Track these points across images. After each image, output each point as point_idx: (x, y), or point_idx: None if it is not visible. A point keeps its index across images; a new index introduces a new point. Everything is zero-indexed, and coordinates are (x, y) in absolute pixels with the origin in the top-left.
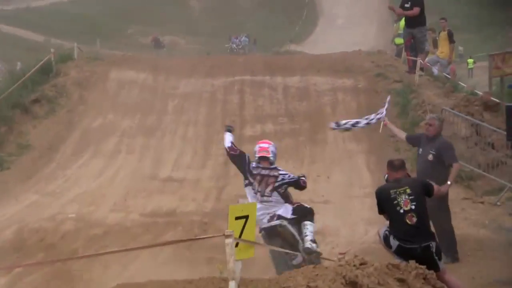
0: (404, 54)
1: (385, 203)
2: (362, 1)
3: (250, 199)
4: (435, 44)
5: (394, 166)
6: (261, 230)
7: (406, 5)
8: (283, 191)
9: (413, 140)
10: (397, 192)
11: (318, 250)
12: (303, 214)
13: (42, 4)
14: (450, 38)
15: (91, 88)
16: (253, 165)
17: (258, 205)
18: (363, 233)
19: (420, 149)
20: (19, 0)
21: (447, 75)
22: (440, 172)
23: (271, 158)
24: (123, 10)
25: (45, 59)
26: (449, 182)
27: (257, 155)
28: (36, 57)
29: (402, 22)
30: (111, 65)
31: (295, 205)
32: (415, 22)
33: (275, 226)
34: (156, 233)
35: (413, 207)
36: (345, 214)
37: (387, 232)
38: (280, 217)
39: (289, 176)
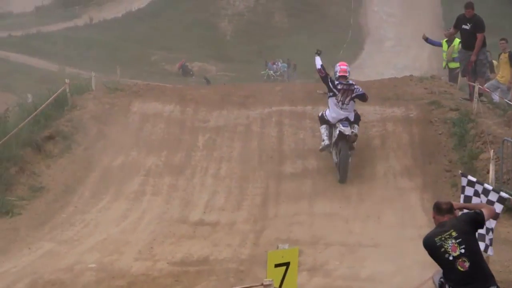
0: (459, 79)
1: (432, 252)
2: (413, 21)
3: (331, 108)
4: (492, 68)
5: (441, 209)
6: (334, 120)
7: (465, 26)
8: (354, 101)
9: None
10: (443, 239)
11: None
12: (357, 118)
13: (54, 29)
14: None
15: (111, 122)
16: (336, 82)
17: (339, 110)
18: (418, 279)
19: None
20: (29, 25)
21: (509, 102)
22: None
23: (348, 76)
24: (145, 34)
25: (59, 91)
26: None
27: (338, 74)
28: (49, 89)
29: (457, 44)
30: (133, 96)
31: (355, 113)
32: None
33: (350, 134)
34: (187, 284)
35: (462, 251)
36: (398, 258)
37: (442, 280)
38: (347, 119)
39: (359, 89)
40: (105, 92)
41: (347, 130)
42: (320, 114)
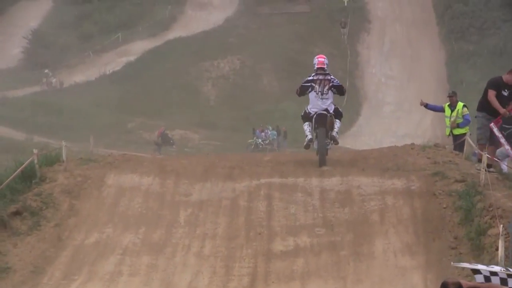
0: (466, 148)
1: None
2: (415, 84)
3: (311, 101)
4: None
5: None
6: (314, 113)
7: (504, 93)
8: (334, 91)
9: None
10: None
11: (338, 140)
12: (338, 113)
13: (20, 94)
14: None
15: (84, 196)
16: (312, 75)
17: (318, 102)
18: None
19: None
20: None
21: None
22: None
23: (326, 68)
24: (121, 99)
25: (26, 162)
26: None
27: (316, 66)
28: (16, 160)
29: (460, 107)
30: (108, 167)
31: (335, 107)
32: None
33: (327, 114)
34: None
35: None
36: None
37: None
38: (327, 110)
39: (336, 80)
40: (77, 164)
41: (323, 112)
42: (302, 113)
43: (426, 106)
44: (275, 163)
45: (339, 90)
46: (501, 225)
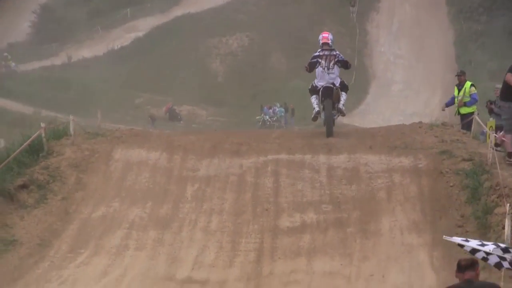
0: (474, 127)
1: None
2: (423, 63)
3: (318, 76)
4: None
5: (460, 266)
6: (322, 86)
7: None
8: (339, 66)
9: None
10: None
11: (344, 112)
12: (344, 86)
13: (29, 68)
14: None
15: (91, 170)
16: (318, 51)
17: (325, 76)
18: None
19: None
20: (1, 64)
21: None
22: None
23: (330, 44)
24: (129, 75)
25: (34, 136)
26: None
27: (321, 42)
28: (23, 133)
29: (468, 87)
30: (116, 142)
31: (341, 80)
32: None
33: (333, 87)
34: None
35: None
36: None
37: None
38: (333, 84)
39: (341, 56)
40: (85, 138)
41: (329, 85)
42: (309, 87)
43: (446, 106)
44: (282, 140)
45: (344, 64)
46: (508, 204)
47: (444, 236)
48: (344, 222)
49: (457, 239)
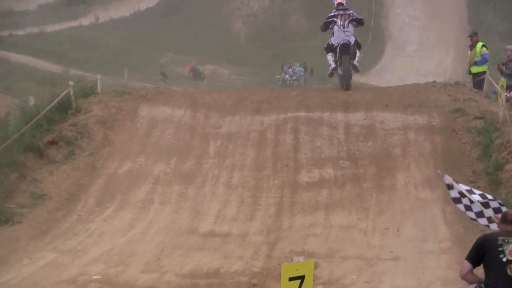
0: (485, 87)
1: (488, 248)
2: (437, 24)
3: (335, 34)
4: None
5: (506, 220)
6: (338, 44)
7: None
8: (354, 24)
9: None
10: (506, 240)
11: (359, 68)
12: (357, 45)
13: (58, 28)
14: None
15: (118, 127)
16: (334, 11)
17: (341, 34)
18: None
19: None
20: (31, 24)
21: None
22: None
23: (345, 4)
24: (154, 36)
25: (63, 94)
26: None
27: (336, 2)
28: (53, 91)
29: (479, 47)
30: (141, 100)
31: (355, 38)
32: None
33: (350, 43)
34: None
35: None
36: (418, 273)
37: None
38: (349, 41)
39: (355, 14)
40: (112, 96)
41: (346, 42)
42: (325, 45)
43: None
44: (302, 98)
45: (359, 22)
46: None
47: (438, 170)
48: (361, 178)
49: (449, 179)
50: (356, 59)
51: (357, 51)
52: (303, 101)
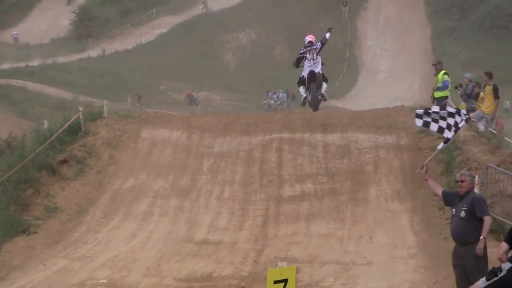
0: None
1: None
2: (405, 55)
3: (305, 68)
4: (476, 98)
5: None
6: (308, 72)
7: None
8: (320, 53)
9: (448, 197)
10: None
11: (326, 97)
12: (325, 78)
13: (68, 60)
14: (495, 93)
15: (122, 147)
16: (303, 48)
17: (311, 67)
18: None
19: (454, 209)
20: (45, 56)
21: (493, 131)
22: (474, 229)
23: (314, 42)
24: (154, 66)
25: (73, 118)
26: (482, 237)
27: (307, 41)
28: (64, 116)
29: (441, 74)
30: (143, 123)
31: (323, 72)
32: None
33: (317, 72)
34: None
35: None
36: (389, 276)
37: None
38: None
39: (318, 45)
40: (116, 119)
41: (315, 71)
42: (297, 79)
43: None
44: (285, 121)
45: (323, 45)
46: (477, 176)
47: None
48: (337, 191)
49: (420, 111)
50: (323, 88)
51: (324, 83)
52: (286, 123)
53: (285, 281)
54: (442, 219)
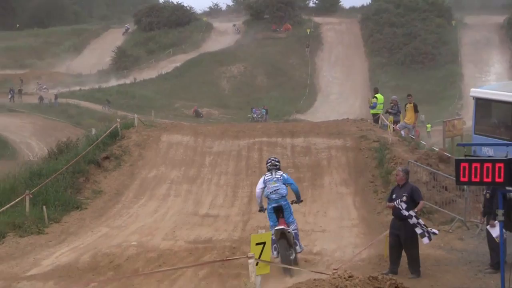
0: (380, 122)
1: None
2: (350, 82)
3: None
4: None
5: None
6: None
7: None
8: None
9: (392, 191)
10: None
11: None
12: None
13: (110, 85)
14: (415, 109)
15: (148, 147)
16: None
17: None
18: (351, 254)
19: (394, 195)
20: (93, 83)
21: (412, 136)
22: (409, 209)
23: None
24: (171, 90)
25: (113, 127)
26: (413, 213)
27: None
28: (107, 125)
29: (373, 98)
30: (163, 130)
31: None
32: None
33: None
34: (197, 256)
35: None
36: (338, 240)
37: None
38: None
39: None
40: (144, 128)
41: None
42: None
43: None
44: (264, 129)
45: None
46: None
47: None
48: (301, 179)
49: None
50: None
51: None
52: (265, 131)
53: (264, 243)
54: (376, 200)
